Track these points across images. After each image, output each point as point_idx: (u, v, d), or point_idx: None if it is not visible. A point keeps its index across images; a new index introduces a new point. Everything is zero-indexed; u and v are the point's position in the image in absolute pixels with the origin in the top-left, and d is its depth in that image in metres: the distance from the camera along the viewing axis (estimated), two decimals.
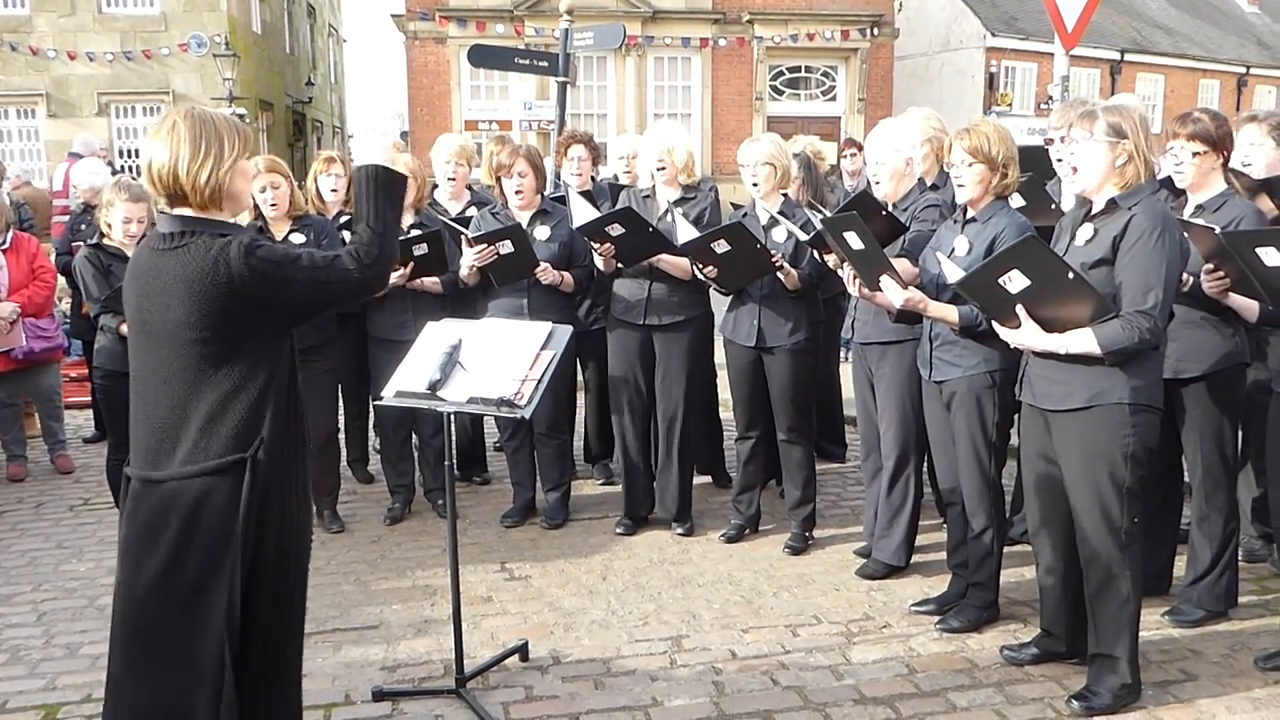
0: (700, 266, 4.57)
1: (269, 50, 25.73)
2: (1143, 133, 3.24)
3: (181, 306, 2.42)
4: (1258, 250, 3.28)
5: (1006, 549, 4.17)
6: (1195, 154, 3.79)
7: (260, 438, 2.47)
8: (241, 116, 20.49)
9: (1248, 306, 3.70)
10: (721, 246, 4.42)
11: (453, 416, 3.53)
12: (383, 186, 2.63)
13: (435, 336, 3.59)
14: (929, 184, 4.64)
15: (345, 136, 34.27)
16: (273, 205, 4.80)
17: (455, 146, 5.68)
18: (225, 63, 21.05)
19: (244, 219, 4.50)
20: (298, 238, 4.85)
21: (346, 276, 2.54)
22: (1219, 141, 3.79)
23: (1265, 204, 4.01)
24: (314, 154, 5.77)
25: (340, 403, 5.54)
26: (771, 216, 4.61)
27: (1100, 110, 3.28)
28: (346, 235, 4.92)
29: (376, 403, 3.96)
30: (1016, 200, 4.26)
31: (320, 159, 5.58)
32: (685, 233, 4.56)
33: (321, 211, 5.40)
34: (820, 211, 5.07)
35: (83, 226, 6.82)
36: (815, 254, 4.47)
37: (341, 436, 5.73)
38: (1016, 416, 4.01)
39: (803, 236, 4.38)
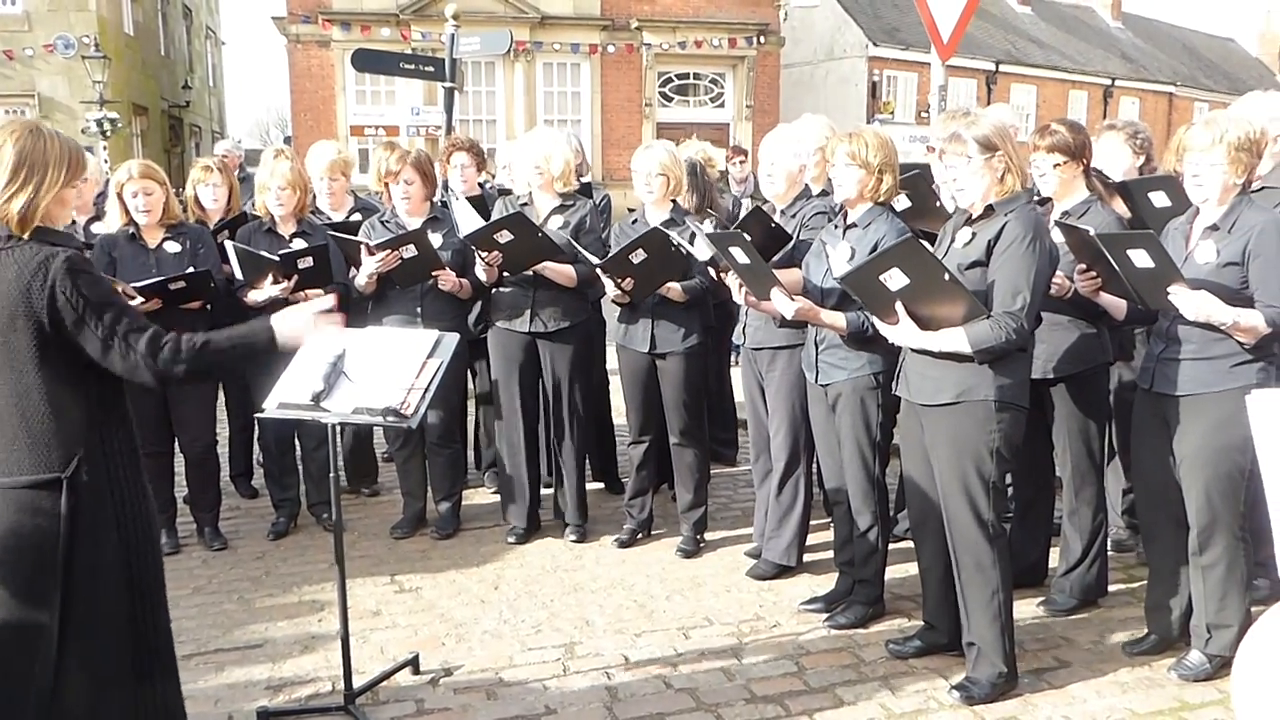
0: (618, 281, 4.55)
1: (142, 52, 24.86)
2: (1010, 142, 3.39)
3: None
4: (1129, 252, 3.44)
5: (891, 545, 4.28)
6: (1056, 165, 3.97)
7: (77, 456, 2.45)
8: (114, 121, 19.78)
9: (1116, 305, 3.88)
10: (639, 256, 4.43)
11: (339, 428, 3.46)
12: (259, 354, 2.70)
13: (318, 346, 3.51)
14: (818, 190, 4.72)
15: (227, 138, 33.25)
16: (145, 212, 4.63)
17: (326, 161, 5.55)
18: (95, 65, 20.23)
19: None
20: (172, 246, 4.70)
21: (134, 358, 2.48)
22: (1078, 150, 3.97)
23: (1120, 206, 4.21)
24: (192, 159, 5.58)
25: (222, 415, 5.38)
26: (692, 231, 4.60)
27: (964, 130, 3.41)
28: (229, 245, 4.79)
29: (258, 415, 3.86)
30: (903, 201, 4.37)
31: (198, 167, 5.42)
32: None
33: (201, 220, 5.25)
34: (712, 216, 5.13)
35: None
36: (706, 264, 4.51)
37: (225, 451, 5.58)
38: (899, 416, 4.12)
39: (688, 248, 4.40)
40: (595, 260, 4.56)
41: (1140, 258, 3.41)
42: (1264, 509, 3.38)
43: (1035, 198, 3.88)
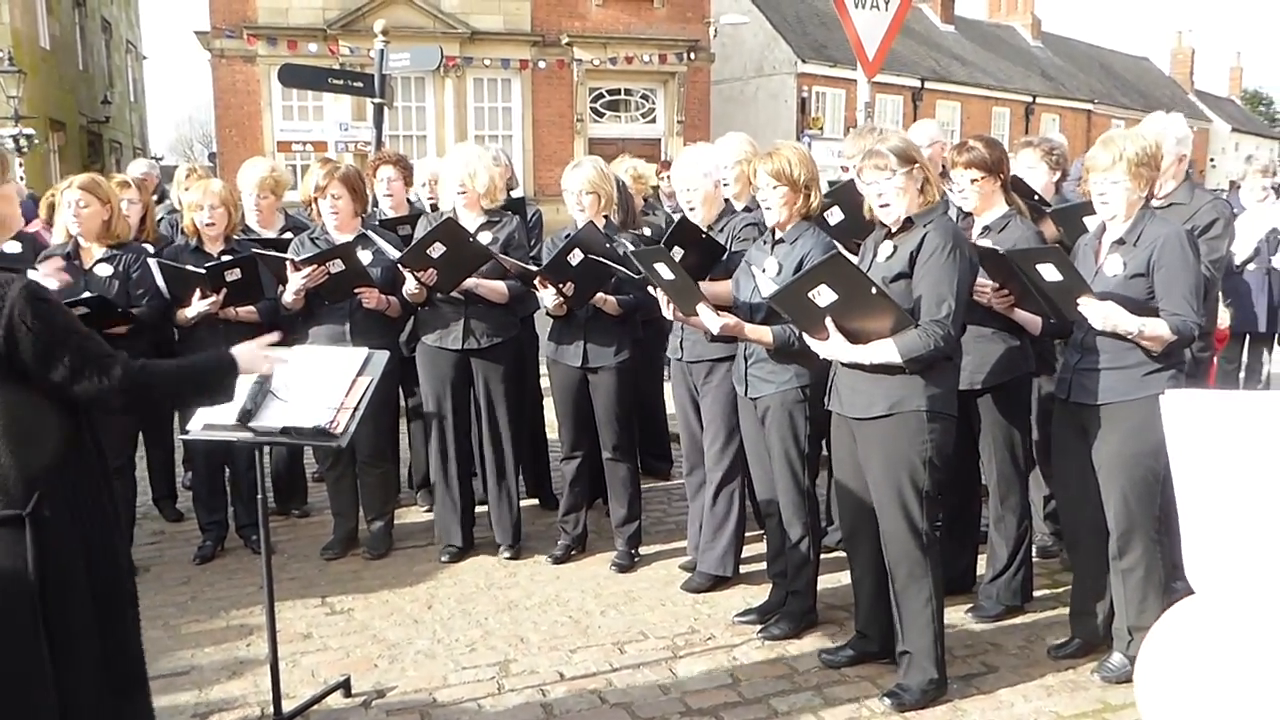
0: (559, 286, 4.53)
1: (59, 67, 24.24)
2: (920, 154, 3.49)
3: None
4: (1039, 267, 3.55)
5: (823, 556, 4.34)
6: (974, 180, 4.07)
7: (39, 492, 2.32)
8: (29, 137, 19.25)
9: (1031, 320, 3.98)
10: (576, 256, 4.43)
11: (269, 448, 3.41)
12: (222, 390, 2.68)
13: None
14: (742, 206, 4.76)
15: (150, 155, 32.57)
16: (74, 218, 4.56)
17: (257, 178, 5.46)
18: (9, 79, 19.67)
19: (14, 246, 4.34)
20: (104, 269, 4.62)
21: (108, 384, 2.39)
22: (994, 165, 4.07)
23: (1050, 230, 4.32)
24: (112, 176, 5.46)
25: (141, 437, 5.27)
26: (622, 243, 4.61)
27: (880, 146, 3.49)
28: (152, 263, 4.71)
29: (183, 437, 3.78)
30: (836, 215, 4.42)
31: (114, 182, 5.30)
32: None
33: None
34: (635, 232, 5.14)
35: None
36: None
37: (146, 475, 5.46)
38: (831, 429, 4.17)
39: (622, 271, 4.41)
40: (533, 269, 4.57)
41: (1049, 272, 3.52)
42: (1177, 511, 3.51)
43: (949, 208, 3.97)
